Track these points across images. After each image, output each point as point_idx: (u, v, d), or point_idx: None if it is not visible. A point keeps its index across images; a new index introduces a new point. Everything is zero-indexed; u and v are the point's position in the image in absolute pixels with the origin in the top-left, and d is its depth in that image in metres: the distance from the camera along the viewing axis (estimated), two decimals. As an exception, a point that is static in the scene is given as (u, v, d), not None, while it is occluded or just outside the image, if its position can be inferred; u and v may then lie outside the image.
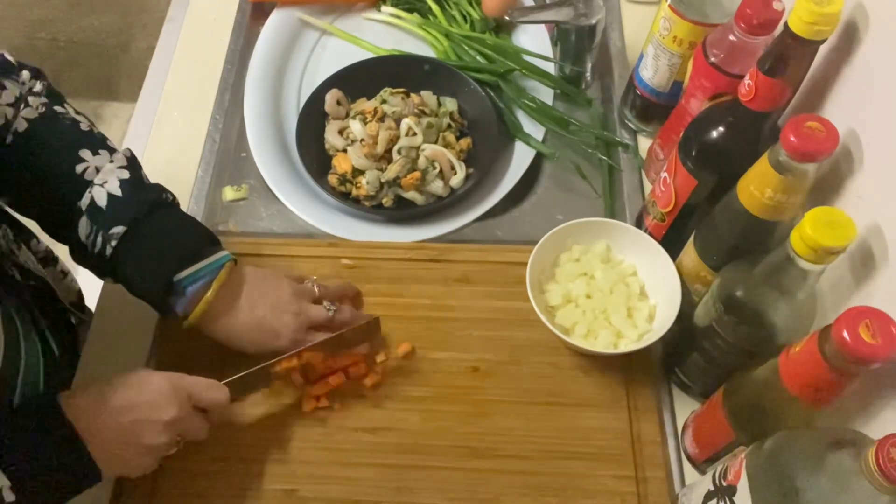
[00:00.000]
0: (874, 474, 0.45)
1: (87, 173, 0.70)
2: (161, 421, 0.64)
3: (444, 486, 0.72)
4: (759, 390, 0.60)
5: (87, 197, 0.69)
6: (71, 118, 0.73)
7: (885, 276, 0.60)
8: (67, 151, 0.70)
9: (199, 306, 0.70)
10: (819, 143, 0.56)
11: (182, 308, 0.71)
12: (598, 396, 0.76)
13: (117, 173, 0.70)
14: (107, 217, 0.69)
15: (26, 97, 0.70)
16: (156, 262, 0.70)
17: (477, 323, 0.80)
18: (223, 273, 0.71)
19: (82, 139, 0.72)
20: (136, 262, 0.70)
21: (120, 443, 0.63)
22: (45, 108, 0.71)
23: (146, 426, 0.64)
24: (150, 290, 0.71)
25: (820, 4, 0.57)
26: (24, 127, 0.69)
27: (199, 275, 0.71)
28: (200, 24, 1.08)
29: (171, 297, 0.71)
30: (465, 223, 0.90)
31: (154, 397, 0.64)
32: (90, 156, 0.71)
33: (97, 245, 0.69)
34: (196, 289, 0.70)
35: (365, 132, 0.89)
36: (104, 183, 0.70)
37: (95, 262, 0.71)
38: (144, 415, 0.64)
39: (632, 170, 0.92)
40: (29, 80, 0.71)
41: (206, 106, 0.99)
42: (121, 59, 2.29)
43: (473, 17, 1.03)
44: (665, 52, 0.83)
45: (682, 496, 0.68)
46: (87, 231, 0.70)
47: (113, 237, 0.69)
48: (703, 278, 0.72)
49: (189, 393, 0.66)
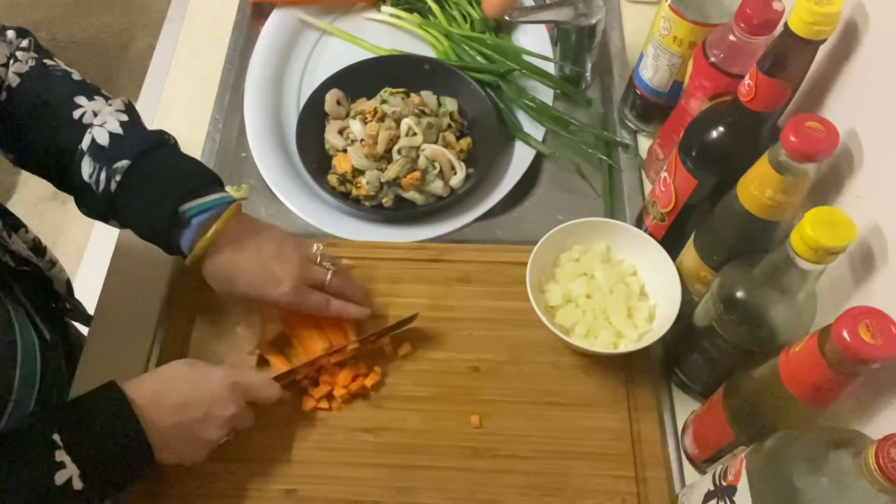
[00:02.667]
0: (874, 474, 0.45)
1: (84, 117, 0.70)
2: (221, 418, 0.67)
3: (444, 486, 0.72)
4: (759, 390, 0.60)
5: (88, 138, 0.69)
6: (62, 69, 0.73)
7: (885, 276, 0.60)
8: (63, 99, 0.71)
9: (206, 236, 0.70)
10: (819, 143, 0.56)
11: (188, 242, 0.70)
12: (598, 396, 0.76)
13: (116, 115, 0.71)
14: (109, 154, 0.69)
15: (14, 53, 0.71)
16: (162, 193, 0.70)
17: (477, 323, 0.80)
18: (231, 208, 0.71)
19: (76, 87, 0.72)
20: (142, 195, 0.70)
21: (179, 437, 0.66)
22: (34, 61, 0.72)
23: (207, 423, 0.66)
24: (155, 222, 0.70)
25: (820, 4, 0.57)
26: (16, 82, 0.70)
27: (205, 206, 0.70)
28: (200, 24, 1.08)
29: (177, 230, 0.70)
30: (465, 223, 0.90)
31: (215, 395, 0.67)
32: (86, 101, 0.71)
33: (101, 182, 0.69)
34: (202, 220, 0.70)
35: (365, 132, 0.89)
36: (103, 123, 0.70)
37: (101, 203, 0.71)
38: (205, 412, 0.66)
39: (632, 170, 0.92)
40: (15, 38, 0.72)
41: (206, 106, 0.99)
42: (121, 59, 2.29)
43: (473, 17, 1.03)
44: (665, 52, 0.83)
45: (682, 496, 0.68)
46: (91, 170, 0.69)
47: (117, 171, 0.68)
48: (703, 278, 0.72)
49: (247, 390, 0.69)
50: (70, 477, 0.59)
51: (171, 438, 0.65)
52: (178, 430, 0.65)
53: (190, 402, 0.66)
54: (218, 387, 0.67)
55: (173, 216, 0.69)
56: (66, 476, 0.58)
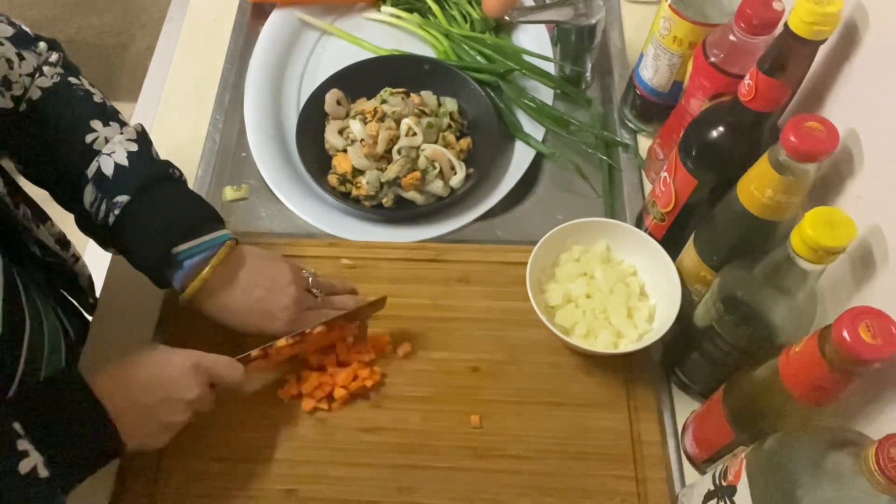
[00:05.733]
0: (874, 474, 0.45)
1: (96, 143, 0.71)
2: (183, 400, 0.66)
3: (444, 486, 0.72)
4: (759, 390, 0.60)
5: (94, 166, 0.70)
6: (85, 89, 0.73)
7: (885, 276, 0.60)
8: (79, 121, 0.71)
9: (195, 282, 0.71)
10: (819, 143, 0.56)
11: (179, 282, 0.71)
12: (598, 396, 0.76)
13: (126, 145, 0.71)
14: (112, 186, 0.69)
15: (42, 67, 0.71)
16: (156, 233, 0.70)
17: (477, 323, 0.80)
18: (222, 251, 0.72)
19: (94, 110, 0.72)
20: (137, 232, 0.70)
21: (142, 420, 0.64)
22: (59, 77, 0.72)
23: (169, 405, 0.65)
24: (148, 261, 0.71)
25: (820, 4, 0.57)
26: (37, 95, 0.70)
27: (197, 250, 0.71)
28: (200, 24, 1.08)
29: (169, 270, 0.71)
30: (465, 223, 0.90)
31: (177, 377, 0.66)
32: (101, 126, 0.71)
33: (101, 213, 0.70)
34: (193, 263, 0.71)
35: (365, 132, 0.89)
36: (112, 153, 0.70)
37: (99, 231, 0.72)
38: (168, 394, 0.65)
39: (632, 170, 0.92)
40: (46, 50, 0.72)
41: (206, 106, 0.99)
42: (121, 59, 2.29)
43: (473, 17, 1.03)
44: (665, 52, 0.83)
45: (682, 496, 0.68)
46: (92, 199, 0.70)
47: (116, 206, 0.69)
48: (703, 278, 0.72)
49: (209, 372, 0.68)
50: (35, 465, 0.57)
51: (133, 421, 0.63)
52: (140, 413, 0.64)
53: (151, 384, 0.64)
54: (179, 368, 0.66)
55: (166, 258, 0.70)
56: (30, 464, 0.57)
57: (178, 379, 0.66)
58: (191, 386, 0.66)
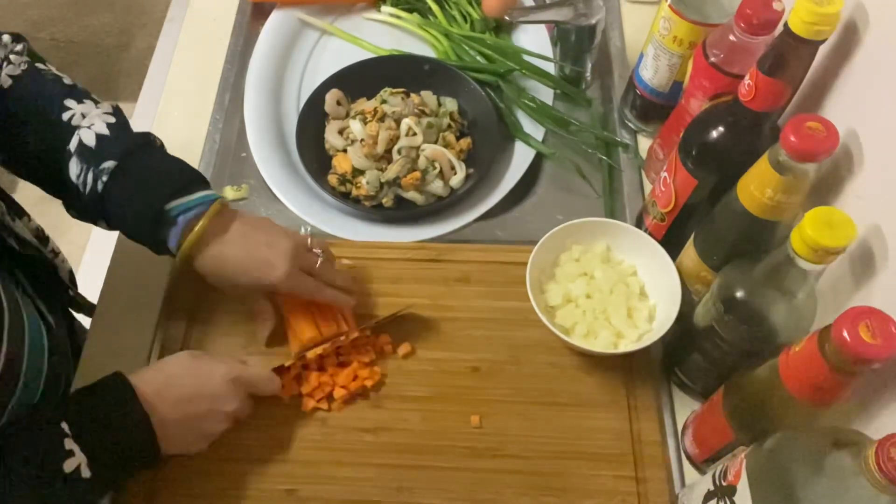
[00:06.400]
0: (874, 474, 0.45)
1: (73, 119, 0.71)
2: (223, 412, 0.69)
3: (444, 486, 0.72)
4: (759, 390, 0.60)
5: (76, 139, 0.70)
6: (54, 74, 0.74)
7: (885, 276, 0.60)
8: (53, 102, 0.72)
9: (192, 233, 0.70)
10: (819, 143, 0.56)
11: (175, 239, 0.71)
12: (598, 396, 0.76)
13: (104, 118, 0.72)
14: (96, 154, 0.70)
15: (8, 56, 0.72)
16: (147, 192, 0.70)
17: (477, 323, 0.80)
18: (216, 205, 0.72)
19: (66, 91, 0.73)
20: (127, 194, 0.70)
21: (184, 430, 0.68)
22: (27, 65, 0.73)
23: (210, 416, 0.69)
24: (141, 221, 0.70)
25: (820, 4, 0.57)
26: (8, 83, 0.71)
27: (191, 204, 0.71)
28: (200, 24, 1.08)
29: (164, 228, 0.71)
30: (465, 223, 0.90)
31: (218, 391, 0.69)
32: (75, 104, 0.72)
33: (88, 183, 0.70)
34: (188, 218, 0.70)
35: (365, 132, 0.89)
36: (91, 125, 0.71)
37: (88, 204, 0.71)
38: (209, 406, 0.68)
39: (632, 170, 0.92)
40: (10, 42, 0.73)
41: (206, 106, 0.99)
42: (121, 59, 2.29)
43: (473, 17, 1.03)
44: (665, 52, 0.83)
45: (682, 496, 0.68)
46: (78, 171, 0.70)
47: (104, 172, 0.69)
48: (703, 278, 0.72)
49: (248, 385, 0.71)
50: (78, 465, 0.60)
51: (175, 431, 0.67)
52: (182, 424, 0.67)
53: (194, 398, 0.68)
54: (221, 382, 0.69)
55: (159, 215, 0.70)
56: (74, 464, 0.59)
57: (219, 393, 0.69)
58: (231, 399, 0.69)
